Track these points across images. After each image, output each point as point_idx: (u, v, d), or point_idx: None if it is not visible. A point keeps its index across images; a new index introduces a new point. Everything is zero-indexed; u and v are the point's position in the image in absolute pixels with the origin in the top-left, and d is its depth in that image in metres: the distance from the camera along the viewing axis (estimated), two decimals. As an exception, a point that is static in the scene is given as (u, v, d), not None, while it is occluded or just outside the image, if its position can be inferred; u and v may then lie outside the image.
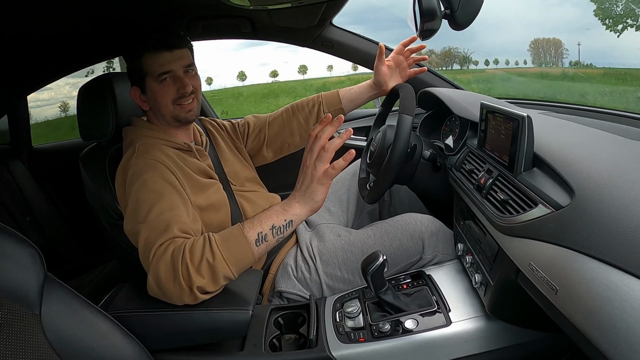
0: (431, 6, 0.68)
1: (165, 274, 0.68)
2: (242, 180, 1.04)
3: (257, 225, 0.73)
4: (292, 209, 0.75)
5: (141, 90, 0.91)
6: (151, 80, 0.88)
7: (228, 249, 0.71)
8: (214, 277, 0.69)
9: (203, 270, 0.68)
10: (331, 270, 0.92)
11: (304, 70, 10.72)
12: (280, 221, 0.75)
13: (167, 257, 0.68)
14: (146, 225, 0.73)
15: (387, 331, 0.73)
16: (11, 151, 1.57)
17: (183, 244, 0.70)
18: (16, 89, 1.43)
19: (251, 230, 0.73)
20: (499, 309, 0.70)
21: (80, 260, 1.66)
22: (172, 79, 0.89)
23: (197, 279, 0.67)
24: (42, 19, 0.91)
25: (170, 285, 0.68)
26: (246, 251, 0.72)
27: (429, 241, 0.92)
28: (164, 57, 0.87)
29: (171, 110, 0.90)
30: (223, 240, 0.71)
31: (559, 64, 4.60)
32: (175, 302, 0.70)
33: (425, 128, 1.17)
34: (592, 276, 0.42)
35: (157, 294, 0.70)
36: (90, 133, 0.95)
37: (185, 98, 0.90)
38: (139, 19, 1.06)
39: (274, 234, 0.74)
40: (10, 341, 0.46)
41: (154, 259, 0.69)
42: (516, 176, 0.62)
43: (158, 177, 0.80)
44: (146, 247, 0.71)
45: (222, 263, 0.69)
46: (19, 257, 0.51)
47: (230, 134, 1.13)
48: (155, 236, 0.71)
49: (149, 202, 0.76)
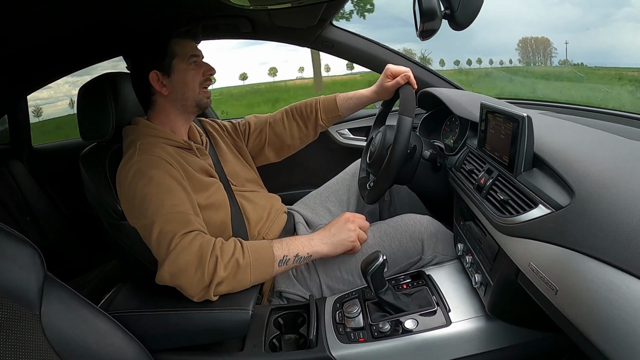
0: (431, 6, 0.68)
1: (186, 263, 0.72)
2: (243, 181, 1.05)
3: (284, 248, 0.81)
4: (316, 245, 0.85)
5: (162, 74, 0.91)
6: (180, 61, 0.92)
7: (256, 258, 0.77)
8: (235, 276, 0.75)
9: (230, 267, 0.74)
10: (331, 270, 0.92)
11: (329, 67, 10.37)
12: (304, 253, 0.84)
13: (193, 248, 0.73)
14: (160, 218, 0.76)
15: (387, 331, 0.73)
16: (11, 151, 1.57)
17: (212, 239, 0.76)
18: (16, 89, 1.43)
19: (279, 250, 0.81)
20: (499, 309, 0.70)
21: (80, 260, 1.66)
22: (198, 63, 0.95)
23: (222, 272, 0.73)
24: (42, 19, 0.91)
25: (190, 274, 0.72)
26: (269, 266, 0.79)
27: (429, 242, 0.92)
28: (192, 44, 0.95)
29: (196, 93, 0.94)
30: (254, 249, 0.78)
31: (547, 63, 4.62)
32: (185, 291, 0.73)
33: (425, 128, 1.17)
34: (592, 276, 0.42)
35: (166, 281, 0.74)
36: (90, 133, 0.95)
37: (208, 81, 0.97)
38: (138, 19, 1.06)
39: (294, 261, 0.83)
40: (10, 341, 0.46)
41: (176, 247, 0.73)
42: (516, 176, 0.62)
43: (164, 173, 0.81)
44: (163, 237, 0.75)
45: (247, 269, 0.76)
46: (19, 257, 0.51)
47: (232, 134, 1.14)
48: (175, 227, 0.75)
49: (158, 197, 0.78)
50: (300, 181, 1.69)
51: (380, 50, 1.42)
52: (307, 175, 1.69)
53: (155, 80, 0.91)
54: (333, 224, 0.89)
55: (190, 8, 1.14)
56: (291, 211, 1.14)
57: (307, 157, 1.64)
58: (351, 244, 0.87)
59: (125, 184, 0.82)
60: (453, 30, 0.73)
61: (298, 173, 1.68)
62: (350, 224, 0.88)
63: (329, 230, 0.88)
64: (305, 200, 1.21)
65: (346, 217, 0.89)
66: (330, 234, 0.87)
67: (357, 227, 0.89)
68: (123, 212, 0.84)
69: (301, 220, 1.10)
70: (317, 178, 1.50)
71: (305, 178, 1.69)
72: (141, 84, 0.93)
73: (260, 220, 1.00)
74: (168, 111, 0.94)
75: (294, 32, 1.34)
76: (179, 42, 0.92)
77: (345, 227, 0.88)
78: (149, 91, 0.93)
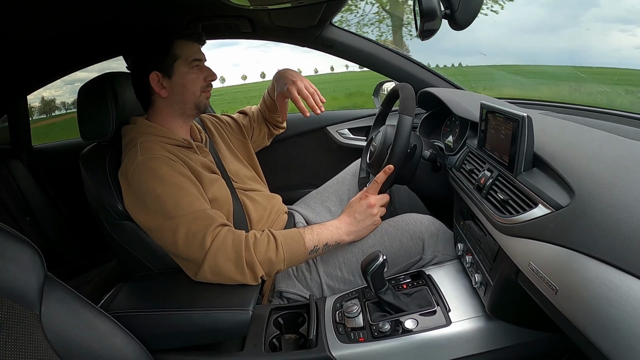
0: (431, 6, 0.68)
1: (225, 261, 0.76)
2: (243, 178, 1.05)
3: (315, 238, 0.84)
4: (343, 234, 0.88)
5: (163, 75, 0.91)
6: (183, 64, 0.91)
7: (289, 250, 0.81)
8: (269, 270, 0.80)
9: (265, 264, 0.78)
10: (331, 270, 0.92)
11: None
12: (332, 241, 0.87)
13: (227, 246, 0.77)
14: (182, 218, 0.77)
15: (387, 331, 0.73)
16: (11, 151, 1.57)
17: (242, 234, 0.79)
18: (16, 89, 1.43)
19: (311, 241, 0.84)
20: (499, 309, 0.70)
21: (80, 260, 1.66)
22: (200, 68, 0.94)
23: (259, 270, 0.78)
24: (42, 19, 0.91)
25: (231, 271, 0.76)
26: (300, 255, 0.83)
27: (429, 241, 0.92)
28: (195, 47, 0.94)
29: (197, 96, 0.94)
30: (286, 243, 0.81)
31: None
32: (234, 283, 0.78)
33: (425, 128, 1.17)
34: (592, 276, 0.41)
35: (210, 278, 0.77)
36: (90, 133, 0.95)
37: (210, 87, 0.96)
38: (138, 19, 1.06)
39: (323, 249, 0.86)
40: (10, 341, 0.46)
41: (212, 247, 0.76)
42: (516, 176, 0.62)
43: (173, 170, 0.82)
44: (192, 238, 0.76)
45: (280, 262, 0.80)
46: (19, 257, 0.51)
47: (234, 130, 1.15)
48: (201, 226, 0.77)
49: (173, 196, 0.79)
50: (300, 181, 1.68)
51: (380, 50, 1.42)
52: (307, 175, 1.68)
53: (155, 81, 0.91)
54: (356, 209, 0.90)
55: (190, 8, 1.14)
56: (291, 211, 1.14)
57: (307, 157, 1.64)
58: (375, 226, 0.91)
59: (133, 183, 0.81)
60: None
61: (298, 173, 1.67)
62: (373, 208, 0.90)
63: (353, 216, 0.90)
64: (305, 200, 1.21)
65: (369, 202, 0.90)
66: (356, 220, 0.89)
67: (379, 209, 0.91)
68: (124, 211, 0.84)
69: (301, 221, 1.10)
70: (317, 178, 1.50)
71: (305, 178, 1.68)
72: (141, 84, 0.93)
73: (262, 219, 1.00)
74: (166, 112, 0.94)
75: (294, 32, 1.34)
76: (182, 44, 0.91)
77: (369, 212, 0.89)
78: (148, 91, 0.93)
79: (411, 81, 1.27)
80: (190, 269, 0.79)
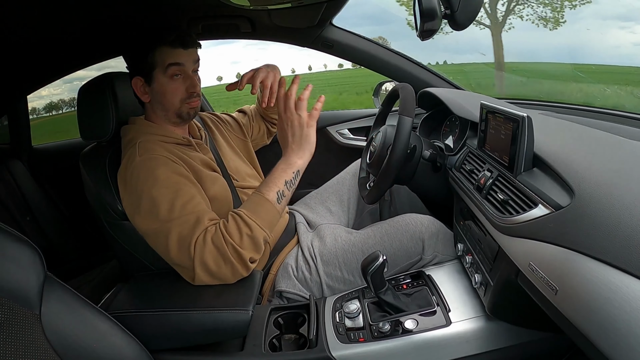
0: (431, 6, 0.68)
1: (214, 261, 0.75)
2: (244, 175, 1.05)
3: (273, 186, 0.82)
4: (294, 162, 0.84)
5: (145, 81, 0.90)
6: (160, 72, 0.88)
7: (259, 216, 0.78)
8: (256, 246, 0.78)
9: (246, 244, 0.76)
10: (332, 270, 0.92)
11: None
12: (290, 175, 0.84)
13: (210, 247, 0.75)
14: (174, 222, 0.76)
15: (387, 331, 0.73)
16: (11, 151, 1.57)
17: (217, 229, 0.76)
18: (16, 89, 1.43)
19: (270, 192, 0.81)
20: (499, 309, 0.70)
21: (80, 260, 1.66)
22: (183, 78, 0.89)
23: (246, 252, 0.76)
24: (42, 19, 0.91)
25: (222, 269, 0.75)
26: (273, 212, 0.81)
27: (429, 241, 0.92)
28: (178, 53, 0.88)
29: (177, 107, 0.91)
30: (251, 211, 0.79)
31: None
32: (231, 281, 0.77)
33: (425, 128, 1.17)
34: (592, 276, 0.42)
35: (207, 281, 0.76)
36: (90, 133, 0.95)
37: (193, 98, 0.91)
38: (138, 19, 1.06)
39: (288, 187, 0.84)
40: (10, 341, 0.46)
41: (197, 252, 0.74)
42: (516, 176, 0.62)
43: (169, 171, 0.81)
44: (182, 243, 0.75)
45: (259, 231, 0.78)
46: (19, 257, 0.51)
47: (234, 128, 1.15)
48: (188, 231, 0.76)
49: (168, 198, 0.78)
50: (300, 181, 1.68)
51: (380, 50, 1.42)
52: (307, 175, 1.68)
53: (138, 86, 0.90)
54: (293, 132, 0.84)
55: (190, 8, 1.14)
56: (292, 211, 1.14)
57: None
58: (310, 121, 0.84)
59: (130, 185, 0.81)
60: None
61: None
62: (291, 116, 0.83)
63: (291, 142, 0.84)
64: (305, 200, 1.21)
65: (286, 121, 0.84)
66: (295, 142, 0.84)
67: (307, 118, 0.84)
68: (124, 212, 0.84)
69: (302, 221, 1.10)
70: (317, 178, 1.50)
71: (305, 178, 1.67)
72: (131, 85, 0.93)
73: None
74: (155, 116, 0.94)
75: (294, 32, 1.34)
76: (162, 50, 0.86)
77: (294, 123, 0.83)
78: (136, 94, 0.93)
79: (411, 81, 1.27)
80: (186, 275, 0.78)
